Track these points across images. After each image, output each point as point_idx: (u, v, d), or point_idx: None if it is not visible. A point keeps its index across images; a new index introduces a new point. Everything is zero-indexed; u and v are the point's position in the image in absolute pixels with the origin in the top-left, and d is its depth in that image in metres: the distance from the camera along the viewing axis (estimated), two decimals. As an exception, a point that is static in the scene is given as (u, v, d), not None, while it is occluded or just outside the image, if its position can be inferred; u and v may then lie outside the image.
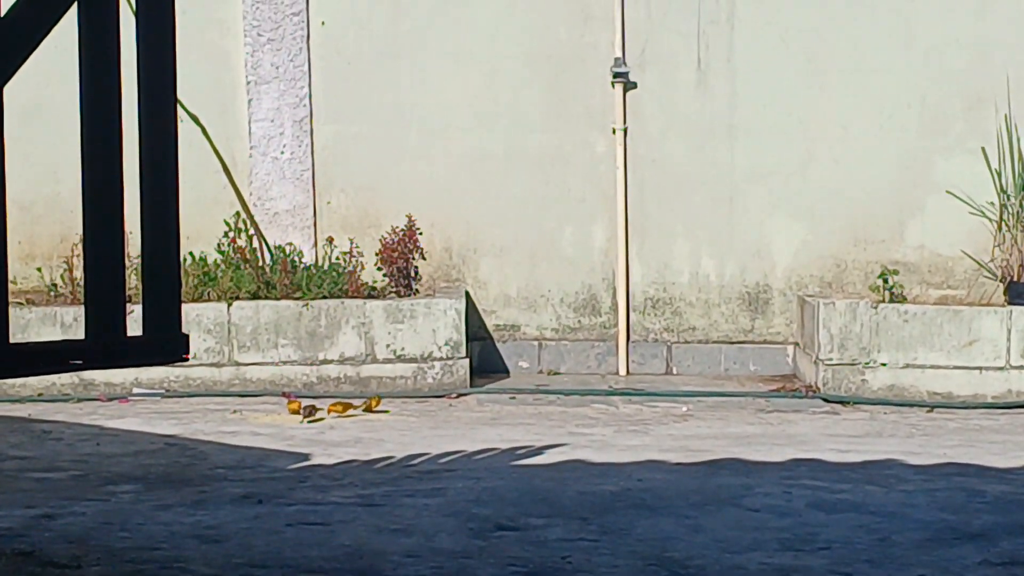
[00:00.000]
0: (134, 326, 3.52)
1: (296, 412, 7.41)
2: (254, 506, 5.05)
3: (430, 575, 4.03)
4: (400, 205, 9.30)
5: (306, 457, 6.22)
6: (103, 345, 3.45)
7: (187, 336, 3.68)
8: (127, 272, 3.59)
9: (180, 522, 4.76)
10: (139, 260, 3.63)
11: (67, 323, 8.23)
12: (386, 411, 7.68)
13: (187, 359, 3.68)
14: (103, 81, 3.43)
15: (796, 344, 9.40)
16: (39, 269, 9.05)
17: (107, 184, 3.43)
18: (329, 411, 7.47)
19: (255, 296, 8.54)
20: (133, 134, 3.54)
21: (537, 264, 9.51)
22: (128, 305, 3.57)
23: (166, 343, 3.61)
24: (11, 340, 3.26)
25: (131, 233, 3.59)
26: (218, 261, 8.79)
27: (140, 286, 3.66)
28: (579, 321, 9.54)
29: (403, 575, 4.03)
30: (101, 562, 4.17)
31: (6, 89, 3.23)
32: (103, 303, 3.45)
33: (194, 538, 4.51)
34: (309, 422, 7.24)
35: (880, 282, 8.98)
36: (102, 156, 3.42)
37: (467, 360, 8.58)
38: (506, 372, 9.44)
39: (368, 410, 7.63)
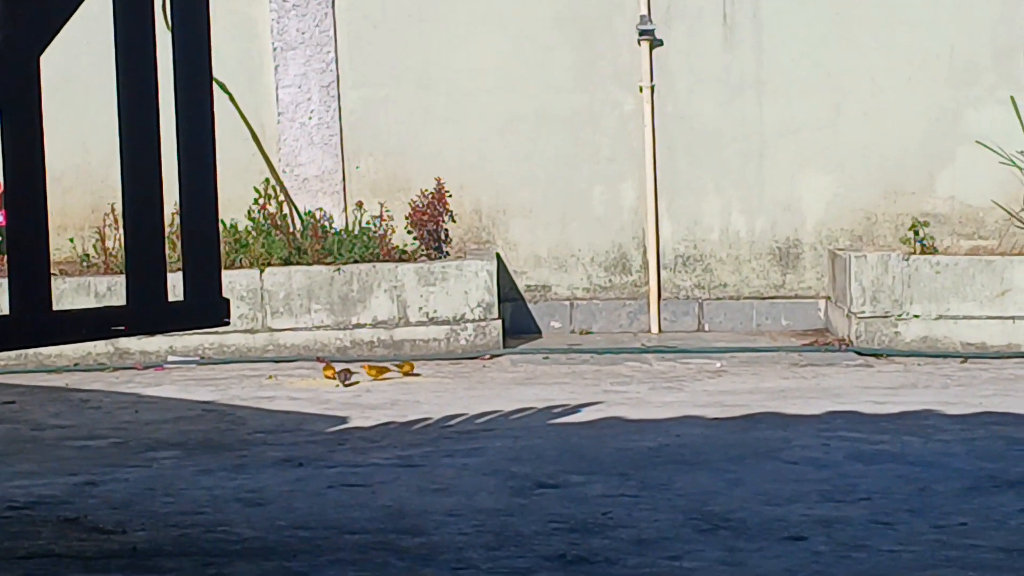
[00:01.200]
0: (172, 293, 3.54)
1: (331, 377, 7.43)
2: (295, 469, 5.08)
3: (472, 533, 4.06)
4: (429, 168, 9.31)
5: (344, 420, 6.25)
6: (145, 311, 3.47)
7: (228, 300, 3.71)
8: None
9: (222, 486, 4.79)
10: (171, 230, 3.65)
11: (100, 293, 8.27)
12: (418, 375, 7.70)
13: (228, 323, 3.70)
14: (138, 50, 3.44)
15: (828, 298, 9.39)
16: (71, 239, 9.09)
17: (145, 151, 3.45)
18: (366, 371, 7.50)
19: (287, 262, 8.57)
20: (167, 102, 3.56)
21: (567, 224, 9.51)
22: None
23: (208, 307, 3.64)
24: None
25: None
26: (249, 228, 8.82)
27: (177, 253, 3.68)
28: (610, 280, 9.54)
29: (446, 534, 4.05)
30: (146, 527, 4.20)
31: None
32: (143, 269, 3.48)
33: (237, 501, 4.54)
34: (346, 386, 7.26)
35: (911, 234, 8.96)
36: (139, 123, 3.44)
37: (499, 321, 8.60)
38: (538, 332, 9.45)
39: (406, 374, 7.65)
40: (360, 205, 9.14)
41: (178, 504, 4.53)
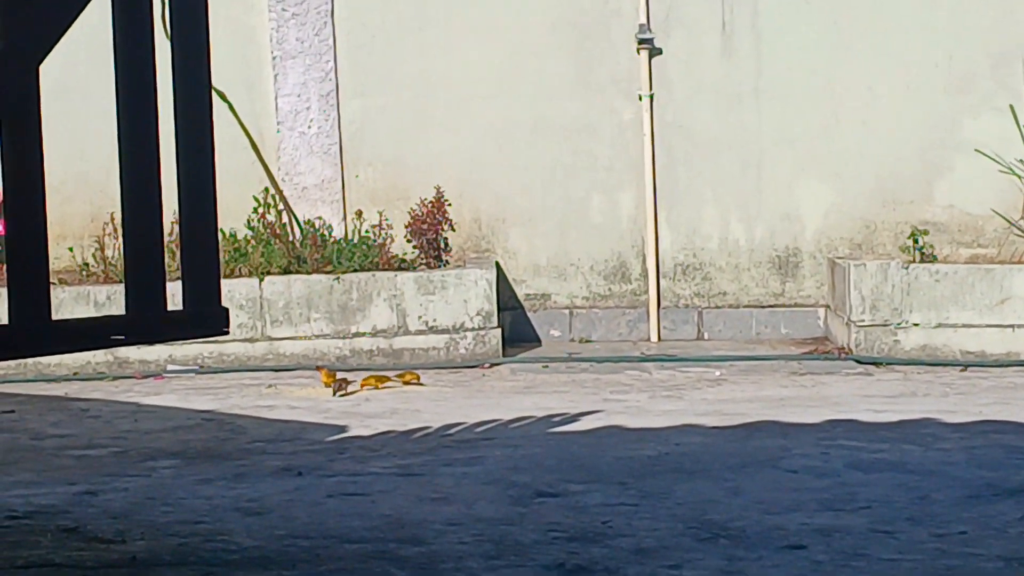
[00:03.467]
0: (171, 302, 3.54)
1: (329, 385, 7.43)
2: (294, 478, 5.08)
3: (472, 542, 4.05)
4: (428, 177, 9.31)
5: (343, 429, 6.25)
6: (144, 320, 3.47)
7: (227, 309, 3.70)
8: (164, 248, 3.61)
9: (221, 496, 4.79)
10: (170, 239, 3.66)
11: (100, 302, 8.27)
12: (422, 384, 7.69)
13: (227, 332, 3.70)
14: (137, 59, 3.44)
15: (827, 306, 9.39)
16: (70, 249, 9.08)
17: (144, 160, 3.45)
18: (362, 385, 7.48)
19: (286, 271, 8.57)
20: (167, 111, 3.56)
21: (566, 233, 9.51)
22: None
23: (207, 316, 3.64)
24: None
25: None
26: (248, 237, 8.82)
27: (176, 262, 3.68)
28: (609, 289, 9.54)
29: (445, 543, 4.05)
30: (145, 536, 4.20)
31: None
32: (142, 279, 3.47)
33: (236, 511, 4.54)
34: (340, 396, 7.26)
35: (910, 242, 8.97)
36: (138, 131, 3.44)
37: (499, 330, 8.60)
38: (538, 341, 9.45)
39: (406, 383, 7.63)
40: (359, 214, 9.14)
41: (177, 513, 4.52)
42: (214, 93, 3.72)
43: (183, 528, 4.30)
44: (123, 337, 3.44)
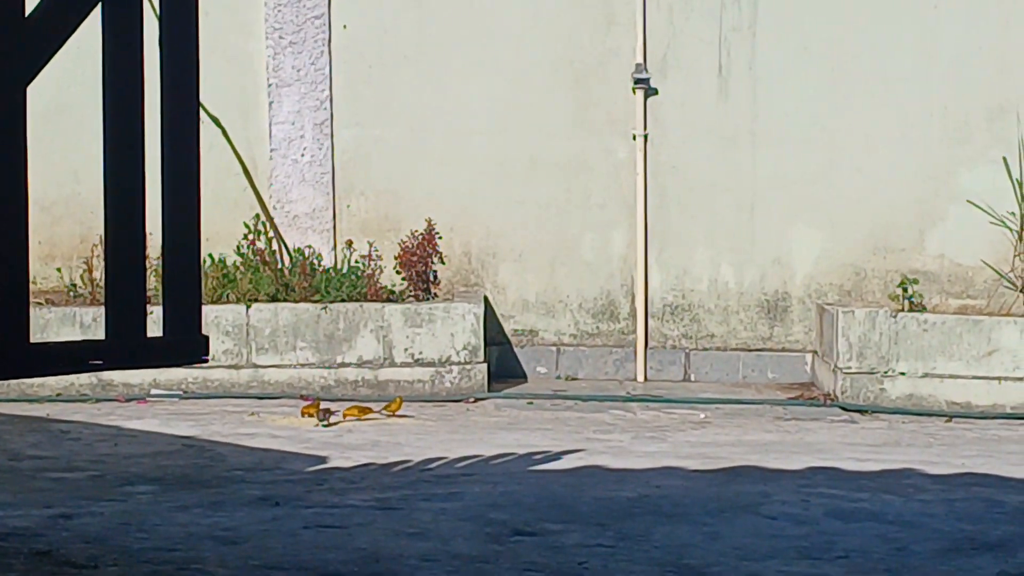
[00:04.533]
0: (153, 327, 3.52)
1: (311, 415, 7.40)
2: (271, 508, 5.06)
3: (447, 579, 4.03)
4: (420, 209, 9.30)
5: (323, 460, 6.22)
6: (123, 346, 3.46)
7: (207, 338, 3.69)
8: (147, 273, 3.59)
9: (197, 523, 4.76)
10: (159, 261, 3.64)
11: (86, 323, 8.25)
12: (408, 415, 7.65)
13: (207, 360, 3.68)
14: (126, 82, 3.44)
15: (815, 352, 9.38)
16: (59, 269, 9.07)
17: (129, 185, 3.44)
18: (345, 416, 7.46)
19: (274, 298, 8.55)
20: (155, 135, 3.55)
21: (556, 269, 9.51)
22: (148, 306, 3.57)
23: (186, 344, 3.62)
24: (31, 340, 3.26)
25: (151, 234, 3.58)
26: (237, 263, 8.80)
27: (160, 287, 3.67)
28: (597, 327, 9.53)
29: (420, 579, 4.03)
30: (118, 563, 4.18)
31: (28, 90, 3.24)
32: (124, 304, 3.46)
33: (211, 539, 4.51)
34: (324, 426, 7.24)
35: (899, 291, 8.96)
36: (124, 157, 3.44)
37: (485, 365, 8.58)
38: (524, 377, 9.43)
39: (392, 414, 7.61)
40: (350, 244, 9.13)
41: (152, 540, 4.50)
42: (209, 118, 3.71)
43: (157, 555, 4.27)
44: (101, 362, 3.42)
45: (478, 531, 4.71)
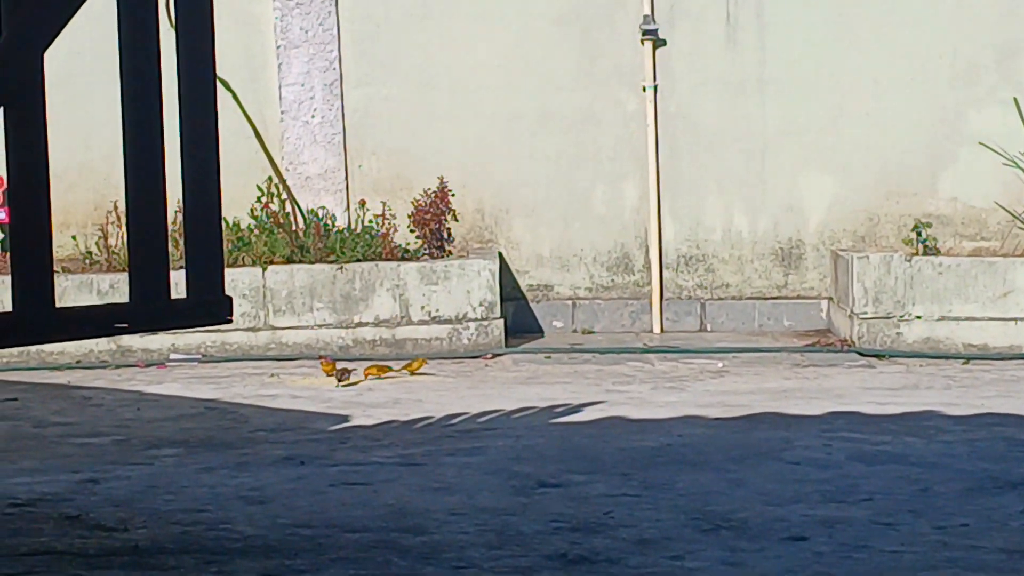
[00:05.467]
0: (175, 291, 3.54)
1: (331, 374, 7.43)
2: (296, 467, 5.09)
3: (474, 532, 4.06)
4: (432, 167, 9.31)
5: (346, 419, 6.25)
6: (147, 309, 3.47)
7: (230, 299, 3.71)
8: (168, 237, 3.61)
9: (224, 484, 4.79)
10: (177, 227, 3.65)
11: (103, 290, 8.27)
12: (427, 373, 7.67)
13: (231, 320, 3.70)
14: (142, 48, 3.44)
15: (830, 299, 9.39)
16: (74, 237, 9.08)
17: (148, 148, 3.45)
18: (365, 375, 7.49)
19: (289, 260, 8.57)
20: (172, 101, 3.56)
21: (569, 224, 9.51)
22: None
23: (210, 305, 3.64)
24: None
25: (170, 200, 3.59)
26: (252, 226, 8.82)
27: (180, 251, 3.69)
28: (612, 280, 9.54)
29: (447, 533, 4.06)
30: (148, 525, 4.21)
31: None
32: (146, 267, 3.47)
33: (239, 499, 4.54)
34: (344, 386, 7.26)
35: (913, 235, 8.97)
36: (143, 121, 3.44)
37: (501, 320, 8.60)
38: (540, 332, 9.45)
39: (412, 373, 7.63)
40: (363, 204, 9.14)
41: (180, 502, 4.53)
42: (219, 82, 3.72)
43: (185, 516, 4.30)
44: (126, 325, 3.44)
45: (503, 484, 4.73)
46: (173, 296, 3.56)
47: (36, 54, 3.21)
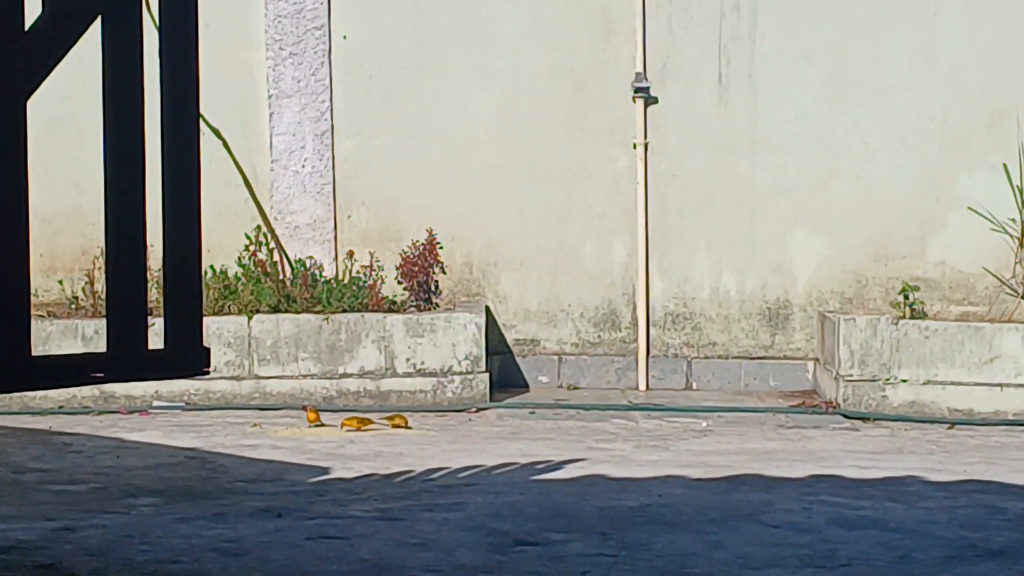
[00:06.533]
0: (155, 340, 3.52)
1: (315, 422, 7.43)
2: (274, 519, 5.06)
3: (449, 590, 4.03)
4: (421, 219, 9.31)
5: (326, 471, 6.22)
6: (124, 358, 3.45)
7: (208, 349, 3.68)
8: (148, 285, 3.59)
9: (200, 535, 4.76)
10: (160, 273, 3.64)
11: (88, 336, 8.25)
12: (409, 426, 7.65)
13: (208, 372, 3.68)
14: (126, 94, 3.44)
15: (816, 360, 9.38)
16: (60, 282, 9.07)
17: (130, 196, 3.44)
18: (342, 426, 7.46)
19: (275, 309, 8.56)
20: (155, 147, 3.55)
21: (557, 278, 9.51)
22: (149, 318, 3.57)
23: (188, 356, 3.62)
24: (32, 353, 3.26)
25: (152, 246, 3.58)
26: (239, 275, 8.81)
27: (161, 299, 3.67)
28: (599, 336, 9.53)
29: (422, 590, 4.03)
30: (121, 575, 4.17)
31: (29, 102, 3.24)
32: (125, 316, 3.46)
33: (214, 551, 4.51)
34: (314, 427, 7.29)
35: (901, 298, 8.96)
36: (125, 169, 3.43)
37: (487, 374, 8.58)
38: (526, 387, 9.43)
39: (395, 427, 7.60)
40: (351, 254, 9.14)
41: (155, 552, 4.50)
42: (209, 130, 3.71)
43: (159, 568, 4.27)
44: (103, 375, 3.42)
45: (481, 541, 4.71)
46: (153, 344, 3.54)
47: (20, 100, 3.20)
